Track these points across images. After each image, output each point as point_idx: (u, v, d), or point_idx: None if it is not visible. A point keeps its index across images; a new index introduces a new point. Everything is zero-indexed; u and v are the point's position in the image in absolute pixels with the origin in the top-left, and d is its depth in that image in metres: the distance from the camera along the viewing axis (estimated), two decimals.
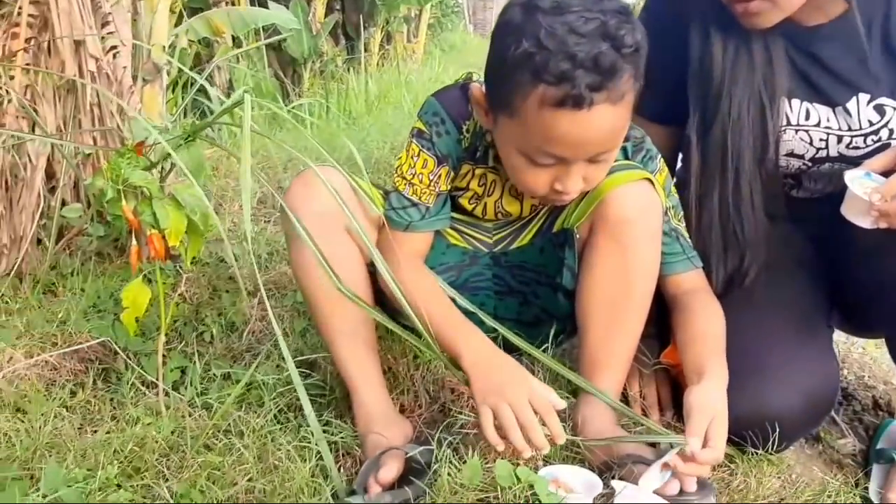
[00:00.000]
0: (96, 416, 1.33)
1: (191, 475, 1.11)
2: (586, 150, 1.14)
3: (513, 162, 1.19)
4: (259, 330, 1.65)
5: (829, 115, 1.32)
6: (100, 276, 1.69)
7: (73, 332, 1.49)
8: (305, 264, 1.24)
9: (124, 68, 1.54)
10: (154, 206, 1.13)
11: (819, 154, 1.36)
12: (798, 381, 1.27)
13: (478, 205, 1.37)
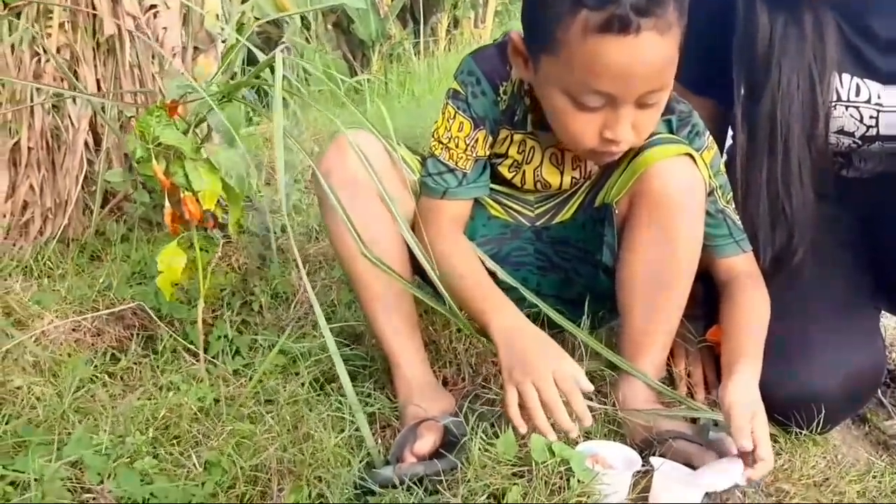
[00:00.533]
0: (137, 383, 1.30)
1: (220, 443, 1.06)
2: (635, 86, 1.04)
3: (559, 109, 1.10)
4: (307, 300, 1.60)
5: (881, 91, 1.26)
6: (147, 244, 1.67)
7: (116, 299, 1.47)
8: (340, 233, 1.19)
9: (164, 29, 1.50)
10: (186, 168, 1.08)
11: (869, 132, 1.30)
12: (843, 361, 1.24)
13: (517, 173, 1.30)
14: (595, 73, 1.03)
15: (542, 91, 1.14)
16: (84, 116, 1.47)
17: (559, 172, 1.29)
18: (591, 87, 1.04)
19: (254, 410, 1.15)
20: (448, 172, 1.23)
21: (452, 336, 1.35)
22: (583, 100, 1.06)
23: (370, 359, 1.33)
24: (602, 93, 1.05)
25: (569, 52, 1.03)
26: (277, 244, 1.77)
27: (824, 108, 1.27)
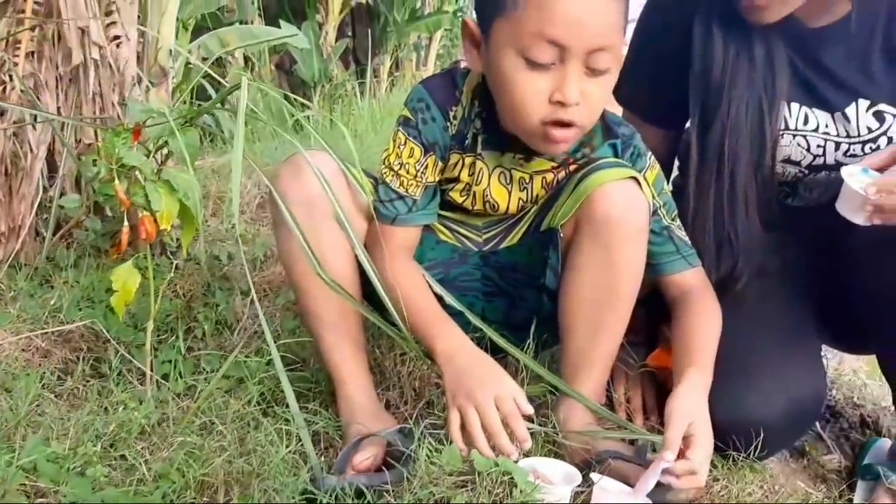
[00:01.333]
0: (82, 402, 1.33)
1: (169, 454, 1.11)
2: (585, 36, 1.08)
3: (509, 74, 1.13)
4: (250, 328, 1.65)
5: (828, 120, 1.32)
6: (95, 270, 1.70)
7: (65, 321, 1.50)
8: (292, 252, 1.23)
9: (127, 60, 1.57)
10: (147, 188, 1.15)
11: (816, 161, 1.35)
12: (784, 388, 1.28)
13: (468, 196, 1.34)
14: (548, 18, 1.07)
15: (493, 63, 1.16)
16: (43, 143, 1.52)
17: (507, 192, 1.32)
18: (544, 35, 1.08)
19: (203, 423, 1.20)
20: (398, 199, 1.27)
21: (397, 359, 1.41)
22: (534, 54, 1.10)
23: (315, 381, 1.39)
24: (553, 41, 1.08)
25: (522, 7, 1.09)
26: (222, 272, 1.83)
27: (772, 138, 1.31)
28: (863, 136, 1.30)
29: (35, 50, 1.46)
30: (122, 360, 1.42)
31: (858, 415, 1.69)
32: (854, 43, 1.27)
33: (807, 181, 1.41)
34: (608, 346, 1.28)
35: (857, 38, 1.27)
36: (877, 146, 1.29)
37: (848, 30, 1.26)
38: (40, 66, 1.46)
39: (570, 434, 1.21)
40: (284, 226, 1.21)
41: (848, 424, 1.65)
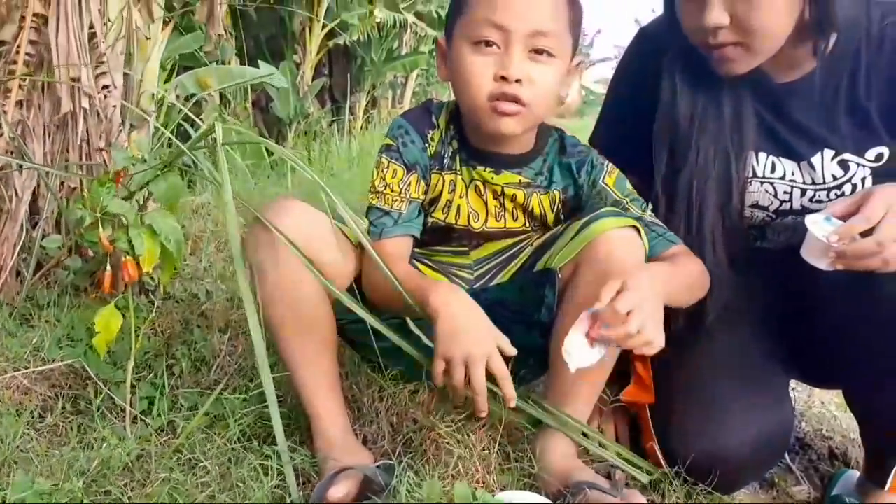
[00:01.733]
0: (63, 439, 1.36)
1: (154, 490, 1.14)
2: (524, 18, 1.22)
3: (462, 60, 1.26)
4: (227, 365, 1.69)
5: (795, 168, 1.37)
6: (75, 308, 1.73)
7: (47, 359, 1.53)
8: (272, 294, 1.27)
9: (114, 107, 1.62)
10: (130, 234, 1.19)
11: (783, 206, 1.41)
12: (752, 422, 1.31)
13: (449, 213, 1.42)
14: (492, 5, 1.23)
15: (453, 62, 1.30)
16: (28, 187, 1.56)
17: (483, 202, 1.41)
18: (488, 20, 1.22)
19: (185, 459, 1.23)
20: (384, 216, 1.33)
21: (375, 396, 1.44)
22: (480, 35, 1.24)
23: (291, 418, 1.42)
24: (497, 24, 1.22)
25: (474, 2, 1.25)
26: (200, 310, 1.86)
27: (739, 185, 1.37)
28: (828, 184, 1.35)
29: (25, 98, 1.50)
30: (101, 397, 1.45)
31: (827, 447, 1.73)
32: (819, 97, 1.32)
33: (774, 225, 1.46)
34: (596, 380, 1.33)
35: (822, 94, 1.32)
36: (842, 192, 1.34)
37: (813, 85, 1.32)
38: (29, 113, 1.50)
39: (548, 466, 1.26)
40: (264, 269, 1.26)
41: (817, 456, 1.69)
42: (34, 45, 1.56)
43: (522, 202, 1.41)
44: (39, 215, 1.72)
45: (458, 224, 1.43)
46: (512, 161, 1.39)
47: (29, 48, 1.53)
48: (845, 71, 1.30)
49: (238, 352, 1.71)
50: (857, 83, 1.30)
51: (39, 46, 1.56)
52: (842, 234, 1.14)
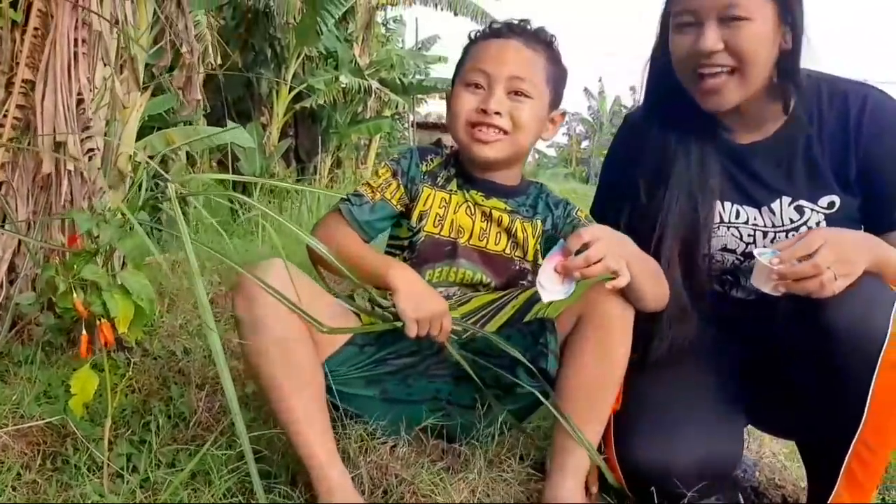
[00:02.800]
0: (43, 496, 1.35)
1: None
2: (503, 67, 1.53)
3: (455, 99, 1.57)
4: (205, 420, 1.69)
5: (756, 214, 1.53)
6: (51, 365, 1.73)
7: (25, 415, 1.52)
8: (264, 348, 1.30)
9: (98, 170, 1.65)
10: (104, 297, 1.21)
11: (748, 249, 1.55)
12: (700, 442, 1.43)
13: (442, 226, 1.60)
14: (476, 59, 1.57)
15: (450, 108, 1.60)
16: (9, 247, 1.58)
17: (471, 220, 1.61)
18: (474, 68, 1.55)
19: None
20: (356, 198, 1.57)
21: (357, 449, 1.47)
22: (468, 80, 1.55)
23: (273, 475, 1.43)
24: (481, 70, 1.54)
25: (467, 58, 1.59)
26: (177, 367, 1.87)
27: (706, 229, 1.53)
28: (786, 226, 1.51)
29: (10, 160, 1.53)
30: (79, 454, 1.45)
31: (780, 495, 1.79)
32: (780, 154, 1.51)
33: (744, 269, 1.58)
34: (601, 424, 1.44)
35: (782, 152, 1.51)
36: (797, 234, 1.48)
37: (775, 144, 1.52)
38: (13, 174, 1.53)
39: None
40: (255, 326, 1.30)
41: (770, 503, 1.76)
42: (21, 109, 1.60)
43: (507, 226, 1.61)
44: (16, 274, 1.73)
45: (448, 237, 1.60)
46: (500, 190, 1.63)
47: (17, 112, 1.57)
48: (803, 134, 1.49)
49: (216, 408, 1.72)
50: (812, 144, 1.48)
51: (27, 110, 1.60)
52: (784, 258, 1.30)
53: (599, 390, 1.42)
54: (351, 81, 6.17)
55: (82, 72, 1.57)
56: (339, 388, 1.47)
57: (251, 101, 6.15)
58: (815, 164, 1.48)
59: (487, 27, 1.62)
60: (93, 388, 1.34)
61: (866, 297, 1.30)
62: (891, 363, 1.28)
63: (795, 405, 1.48)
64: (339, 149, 7.11)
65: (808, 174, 1.49)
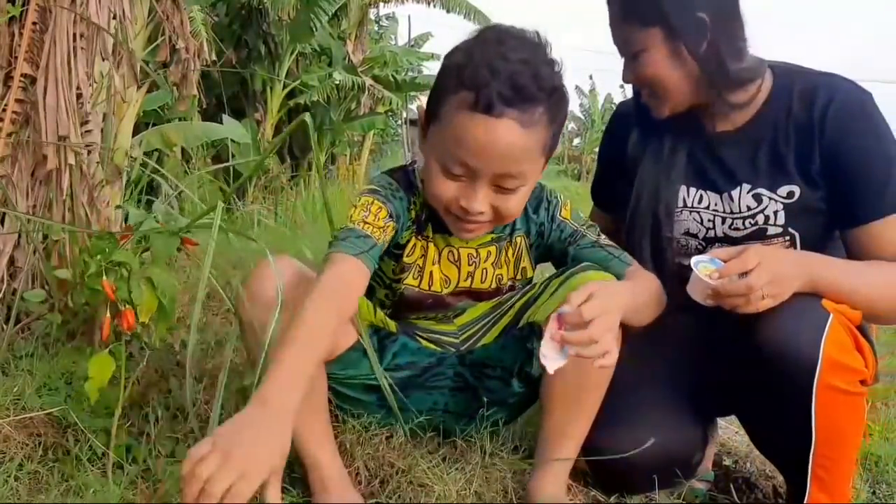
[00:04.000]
0: (44, 486, 1.37)
1: None
2: (489, 163, 1.24)
3: (432, 173, 1.31)
4: (204, 413, 1.71)
5: (717, 200, 1.58)
6: (51, 358, 1.74)
7: (27, 407, 1.54)
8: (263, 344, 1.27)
9: (97, 164, 1.67)
10: (132, 285, 1.24)
11: (709, 233, 1.60)
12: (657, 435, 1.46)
13: (422, 279, 1.49)
14: (459, 143, 1.24)
15: (426, 157, 1.33)
16: (10, 240, 1.59)
17: (456, 268, 1.49)
18: (455, 157, 1.25)
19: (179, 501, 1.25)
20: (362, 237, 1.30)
21: (354, 441, 1.49)
22: (448, 166, 1.27)
23: None
24: (462, 163, 1.25)
25: (445, 122, 1.26)
26: (177, 359, 1.88)
27: (667, 212, 1.58)
28: (743, 213, 1.55)
29: (10, 154, 1.54)
30: (80, 444, 1.46)
31: (771, 485, 1.82)
32: (746, 144, 1.55)
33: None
34: (584, 424, 1.43)
35: (749, 142, 1.55)
36: (755, 221, 1.54)
37: (743, 136, 1.56)
38: (13, 169, 1.55)
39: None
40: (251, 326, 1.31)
41: (762, 494, 1.78)
42: (21, 103, 1.61)
43: (493, 259, 1.51)
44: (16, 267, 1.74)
45: (429, 290, 1.50)
46: None
47: (16, 107, 1.58)
48: (770, 125, 1.53)
49: (213, 401, 1.74)
50: (779, 135, 1.52)
51: (26, 105, 1.61)
52: (722, 274, 1.33)
53: (584, 388, 1.41)
54: (344, 78, 6.19)
55: (81, 67, 1.58)
56: (338, 389, 1.49)
57: (245, 97, 6.16)
58: (779, 155, 1.52)
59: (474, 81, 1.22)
60: (109, 374, 1.36)
61: (797, 321, 1.33)
62: (826, 385, 1.31)
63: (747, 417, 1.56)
64: (333, 145, 7.12)
65: (771, 164, 1.52)
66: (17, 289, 1.67)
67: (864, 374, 1.36)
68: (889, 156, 1.46)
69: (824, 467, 1.37)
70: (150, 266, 1.25)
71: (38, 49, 1.60)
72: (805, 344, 1.31)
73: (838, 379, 1.31)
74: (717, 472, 1.83)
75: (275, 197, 5.42)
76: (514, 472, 1.49)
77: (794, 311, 1.33)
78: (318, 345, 1.14)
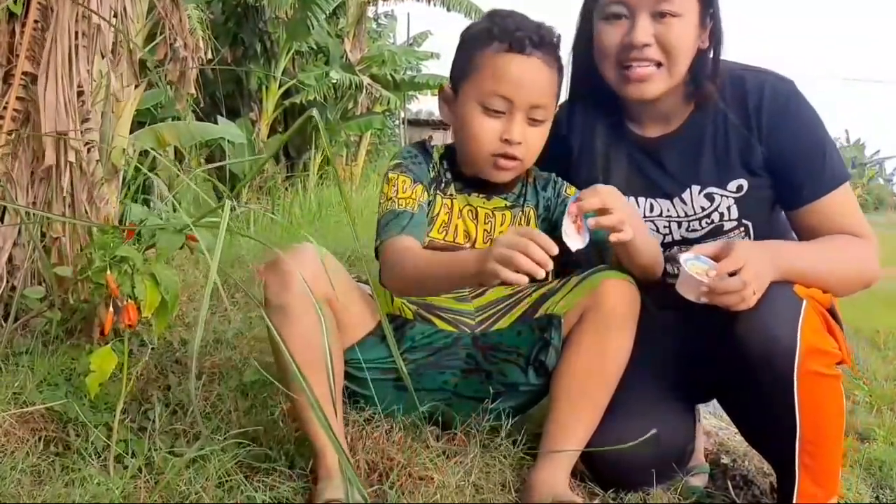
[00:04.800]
0: (46, 478, 1.40)
1: None
2: (526, 93, 1.50)
3: (471, 119, 1.53)
4: (203, 409, 1.75)
5: (669, 206, 1.64)
6: (51, 355, 1.78)
7: (28, 402, 1.57)
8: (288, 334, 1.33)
9: (97, 161, 1.71)
10: (135, 280, 1.28)
11: (665, 239, 1.66)
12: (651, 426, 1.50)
13: (448, 231, 1.63)
14: (499, 80, 1.50)
15: (461, 113, 1.56)
16: (10, 237, 1.63)
17: (475, 225, 1.64)
18: (497, 92, 1.50)
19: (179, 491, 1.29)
20: (398, 216, 1.52)
21: (356, 434, 1.53)
22: (490, 104, 1.51)
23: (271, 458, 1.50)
24: (503, 96, 1.50)
25: (482, 69, 1.52)
26: (175, 356, 1.92)
27: None
28: (698, 214, 1.62)
29: (11, 152, 1.58)
30: (81, 438, 1.50)
31: (768, 482, 1.85)
32: (687, 145, 1.61)
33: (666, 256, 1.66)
34: (590, 417, 1.50)
35: (690, 142, 1.61)
36: (711, 220, 1.62)
37: (680, 138, 1.62)
38: (13, 166, 1.58)
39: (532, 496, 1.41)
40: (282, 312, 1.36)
41: (759, 491, 1.82)
42: (21, 101, 1.65)
43: (510, 221, 1.65)
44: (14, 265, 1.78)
45: (453, 242, 1.63)
46: (499, 188, 1.65)
47: (17, 104, 1.62)
48: (708, 123, 1.59)
49: (213, 397, 1.78)
50: (717, 132, 1.59)
51: (26, 103, 1.65)
52: (719, 271, 1.36)
53: (592, 382, 1.48)
54: (342, 77, 6.23)
55: (82, 65, 1.62)
56: (354, 374, 1.54)
57: (240, 96, 6.20)
58: (721, 151, 1.59)
59: (505, 32, 1.52)
60: (110, 368, 1.39)
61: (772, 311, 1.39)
62: (806, 371, 1.36)
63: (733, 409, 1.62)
64: (330, 145, 7.15)
65: (714, 161, 1.59)
66: (16, 286, 1.70)
67: (839, 356, 1.42)
68: (819, 136, 1.57)
69: (810, 454, 1.41)
70: (153, 262, 1.29)
71: (39, 47, 1.64)
72: (783, 333, 1.37)
73: (817, 363, 1.38)
74: (716, 470, 1.88)
75: (271, 198, 5.44)
76: (512, 465, 1.53)
77: (768, 301, 1.38)
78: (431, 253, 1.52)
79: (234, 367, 1.93)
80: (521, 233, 1.27)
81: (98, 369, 1.32)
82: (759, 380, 1.40)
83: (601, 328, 1.47)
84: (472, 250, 1.49)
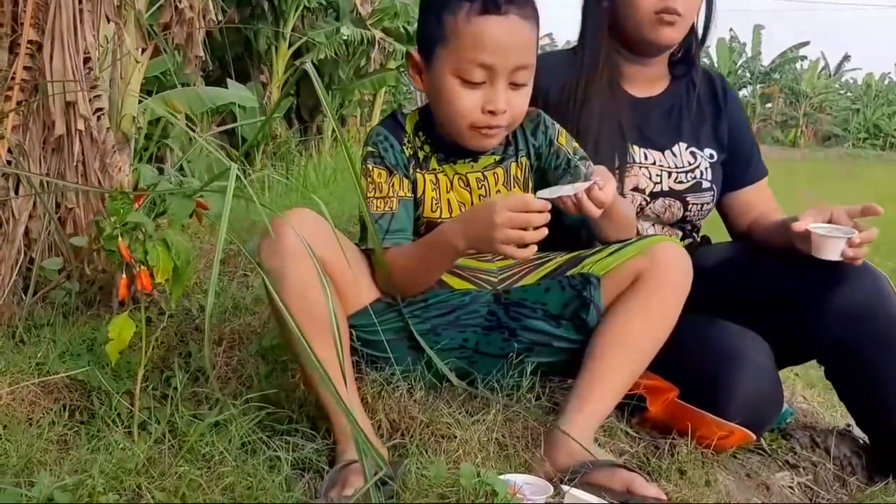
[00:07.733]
0: (73, 446, 1.48)
1: (173, 482, 1.27)
2: (509, 58, 1.45)
3: (448, 91, 1.48)
4: (224, 375, 1.82)
5: (661, 156, 1.86)
6: (71, 327, 1.85)
7: (50, 372, 1.65)
8: (286, 297, 1.38)
9: (107, 129, 1.75)
10: (147, 245, 1.33)
11: (655, 188, 1.83)
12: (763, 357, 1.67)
13: (440, 208, 1.62)
14: (477, 46, 1.44)
15: (436, 84, 1.51)
16: (25, 209, 1.69)
17: (468, 193, 1.63)
18: (476, 61, 1.44)
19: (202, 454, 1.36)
20: (376, 223, 1.53)
21: (376, 394, 1.58)
22: (469, 75, 1.46)
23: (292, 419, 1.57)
24: (484, 65, 1.45)
25: (457, 37, 1.45)
26: (195, 323, 1.99)
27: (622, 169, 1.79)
28: (685, 168, 1.85)
29: (21, 123, 1.63)
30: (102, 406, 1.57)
31: (808, 435, 1.90)
32: (670, 108, 1.90)
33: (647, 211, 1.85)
34: (626, 376, 1.53)
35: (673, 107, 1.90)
36: (694, 175, 1.85)
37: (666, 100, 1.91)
38: (25, 137, 1.63)
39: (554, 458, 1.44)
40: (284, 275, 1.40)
41: (799, 445, 1.87)
42: (28, 70, 1.69)
43: (503, 178, 1.64)
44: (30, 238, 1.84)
45: (449, 218, 1.60)
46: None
47: (24, 74, 1.67)
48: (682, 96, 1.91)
49: (234, 362, 1.85)
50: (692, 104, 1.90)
51: (34, 72, 1.69)
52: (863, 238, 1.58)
53: (636, 345, 1.51)
54: (353, 33, 6.20)
55: (88, 30, 1.66)
56: (369, 338, 1.57)
57: (249, 59, 6.21)
58: (696, 119, 1.89)
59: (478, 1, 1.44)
60: (129, 336, 1.45)
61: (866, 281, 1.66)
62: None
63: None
64: (343, 106, 7.16)
65: (694, 128, 1.89)
66: (35, 258, 1.77)
67: None
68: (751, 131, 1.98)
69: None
70: (165, 228, 1.34)
71: (43, 14, 1.67)
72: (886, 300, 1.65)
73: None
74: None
75: (284, 163, 5.49)
76: (535, 418, 1.57)
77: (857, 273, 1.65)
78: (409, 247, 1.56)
79: (253, 333, 2.00)
80: (515, 206, 1.33)
81: (116, 337, 1.38)
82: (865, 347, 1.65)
83: (654, 296, 1.51)
84: (450, 226, 1.48)
